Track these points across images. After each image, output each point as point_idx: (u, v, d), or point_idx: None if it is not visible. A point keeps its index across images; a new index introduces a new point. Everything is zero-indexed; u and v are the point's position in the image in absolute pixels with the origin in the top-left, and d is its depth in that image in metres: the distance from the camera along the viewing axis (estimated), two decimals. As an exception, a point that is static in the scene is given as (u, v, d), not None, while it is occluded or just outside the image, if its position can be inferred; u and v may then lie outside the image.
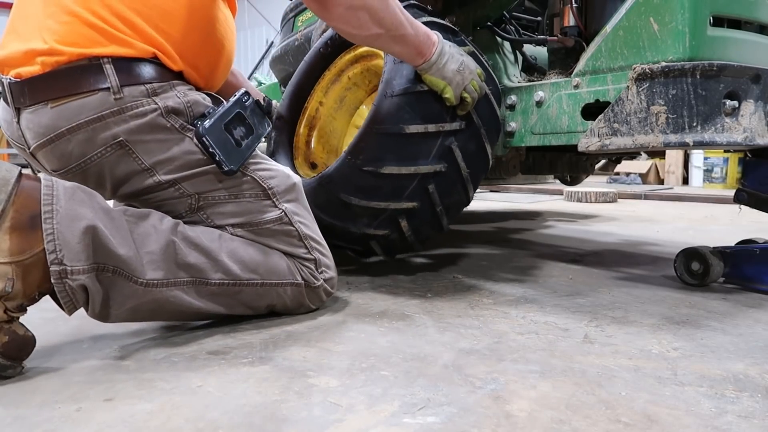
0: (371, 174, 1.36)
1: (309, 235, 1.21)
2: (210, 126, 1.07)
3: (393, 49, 1.25)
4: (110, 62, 1.02)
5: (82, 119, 1.01)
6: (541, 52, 2.08)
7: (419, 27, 1.24)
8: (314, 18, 2.26)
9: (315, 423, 0.74)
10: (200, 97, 1.11)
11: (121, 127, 1.03)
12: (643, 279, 1.61)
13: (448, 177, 1.40)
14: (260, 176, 1.16)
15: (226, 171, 1.09)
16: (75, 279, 0.92)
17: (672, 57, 1.20)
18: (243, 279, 1.11)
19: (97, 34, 1.02)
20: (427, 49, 1.26)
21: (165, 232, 1.04)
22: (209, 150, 1.07)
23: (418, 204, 1.41)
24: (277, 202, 1.17)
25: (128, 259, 0.98)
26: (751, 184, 1.55)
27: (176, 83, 1.09)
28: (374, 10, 1.14)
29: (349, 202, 1.40)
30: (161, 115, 1.05)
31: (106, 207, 1.00)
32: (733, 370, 0.92)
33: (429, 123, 1.34)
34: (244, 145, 1.12)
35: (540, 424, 0.74)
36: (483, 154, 1.45)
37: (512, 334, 1.10)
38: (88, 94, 1.01)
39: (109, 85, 1.01)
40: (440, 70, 1.28)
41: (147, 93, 1.04)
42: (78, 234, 0.92)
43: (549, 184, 4.97)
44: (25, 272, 0.89)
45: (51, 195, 0.93)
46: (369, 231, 1.45)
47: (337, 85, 1.80)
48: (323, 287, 1.22)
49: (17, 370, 0.90)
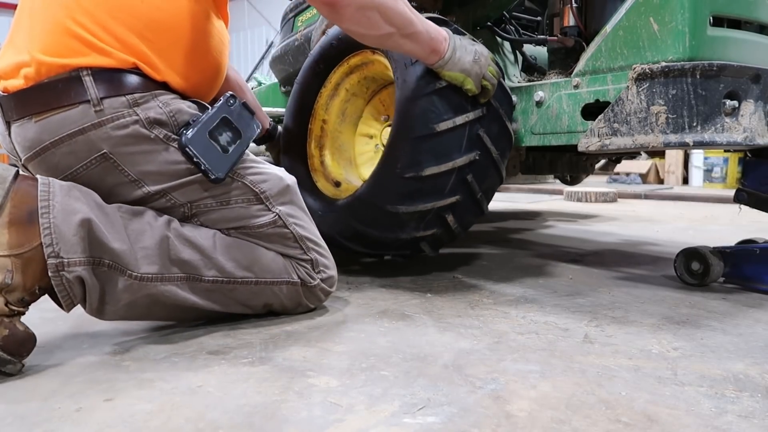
0: (413, 179, 1.38)
1: (305, 236, 1.20)
2: (193, 135, 1.06)
3: (406, 47, 1.24)
4: (90, 74, 1.01)
5: (64, 132, 1.01)
6: (541, 52, 2.08)
7: (429, 24, 1.25)
8: (314, 18, 2.26)
9: (315, 423, 0.74)
10: (185, 106, 1.09)
11: (103, 139, 1.02)
12: (643, 279, 1.61)
13: (482, 163, 1.43)
14: (251, 181, 1.15)
15: (213, 180, 1.08)
16: (71, 271, 0.94)
17: (672, 57, 1.20)
18: (237, 277, 1.12)
19: (79, 43, 1.01)
20: (440, 45, 1.27)
21: (159, 228, 1.05)
22: (194, 160, 1.06)
23: (460, 196, 1.43)
24: (271, 206, 1.16)
25: (122, 253, 0.99)
26: (751, 184, 1.55)
27: (159, 93, 1.07)
28: (384, 9, 1.14)
29: (397, 211, 1.42)
30: (143, 126, 1.04)
31: (100, 203, 1.02)
32: (733, 369, 0.92)
33: (456, 116, 1.36)
34: (231, 151, 1.11)
35: (540, 424, 0.74)
36: (506, 131, 1.48)
37: (512, 334, 1.10)
38: (69, 108, 1.01)
39: (89, 98, 1.01)
40: (457, 64, 1.29)
41: (128, 104, 1.03)
42: (74, 227, 0.95)
43: (549, 184, 4.97)
44: (24, 265, 0.91)
45: (47, 191, 0.96)
46: (418, 234, 1.48)
47: (336, 99, 1.81)
48: (320, 286, 1.22)
49: (17, 367, 0.90)
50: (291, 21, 2.54)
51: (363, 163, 1.84)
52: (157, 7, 1.06)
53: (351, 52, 1.69)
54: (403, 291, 1.45)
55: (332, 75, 1.77)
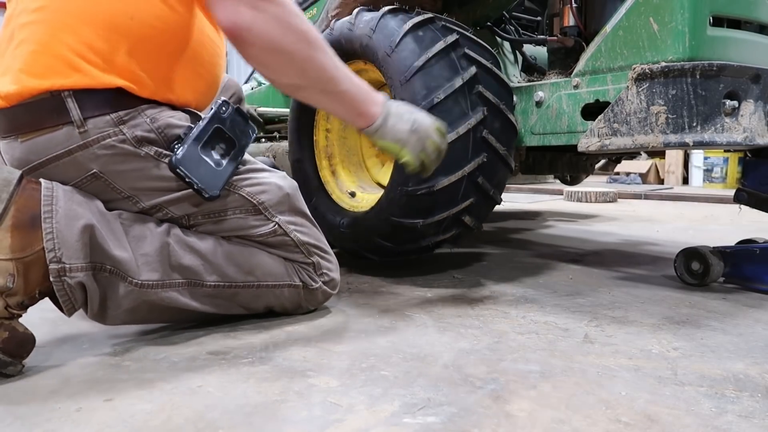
0: (426, 195, 1.40)
1: (306, 241, 1.19)
2: (183, 154, 1.02)
3: (326, 106, 1.14)
4: (71, 95, 0.97)
5: (51, 154, 0.99)
6: (541, 52, 2.08)
7: (360, 86, 1.11)
8: (314, 18, 2.26)
9: (315, 423, 0.74)
10: (174, 119, 1.06)
11: (91, 159, 1.00)
12: (643, 279, 1.61)
13: (491, 162, 1.44)
14: (249, 192, 1.13)
15: (207, 198, 1.05)
16: (73, 276, 0.94)
17: (672, 57, 1.20)
18: (239, 281, 1.11)
19: (63, 64, 0.96)
20: (369, 108, 1.11)
21: (160, 235, 1.05)
22: (186, 180, 1.03)
23: (473, 198, 1.45)
24: (271, 216, 1.15)
25: (123, 261, 0.99)
26: (751, 184, 1.54)
27: (145, 108, 1.03)
28: (300, 59, 1.02)
29: (415, 225, 1.44)
30: (132, 145, 1.01)
31: (102, 210, 1.02)
32: (733, 369, 0.92)
33: (459, 126, 1.37)
34: (225, 164, 1.08)
35: (540, 424, 0.74)
36: (509, 124, 1.48)
37: (512, 334, 1.10)
38: (54, 129, 0.98)
39: (72, 119, 0.97)
40: (389, 133, 1.12)
41: (113, 122, 1.00)
42: (76, 233, 0.94)
43: (549, 184, 4.97)
44: (26, 269, 0.91)
45: (51, 196, 0.95)
46: (438, 239, 1.50)
47: None
48: (322, 289, 1.22)
49: (17, 368, 0.90)
50: (291, 21, 2.53)
51: (373, 165, 1.85)
52: (149, 24, 1.01)
53: (345, 61, 1.68)
54: (403, 291, 1.45)
55: None
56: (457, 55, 1.43)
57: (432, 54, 1.39)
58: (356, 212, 1.63)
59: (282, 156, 2.16)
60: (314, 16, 2.29)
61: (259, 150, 2.32)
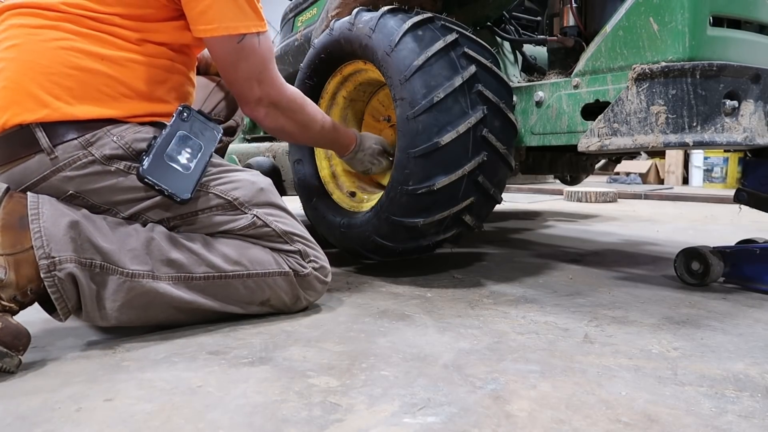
0: (427, 194, 1.40)
1: (287, 231, 1.22)
2: (149, 164, 1.06)
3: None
4: (40, 126, 1.03)
5: (28, 182, 1.05)
6: (540, 52, 2.08)
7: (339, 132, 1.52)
8: (314, 18, 2.26)
9: (315, 423, 0.74)
10: (140, 134, 1.10)
11: (65, 182, 1.05)
12: (643, 279, 1.61)
13: (491, 161, 1.44)
14: (222, 191, 1.17)
15: (179, 202, 1.09)
16: (63, 268, 0.96)
17: (672, 57, 1.20)
18: (228, 270, 1.13)
19: (31, 101, 1.02)
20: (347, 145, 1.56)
21: (145, 232, 1.08)
22: (156, 188, 1.07)
23: (474, 197, 1.45)
24: (247, 209, 1.18)
25: (111, 252, 1.02)
26: (751, 184, 1.55)
27: (110, 128, 1.07)
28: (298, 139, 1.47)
29: (416, 225, 1.44)
30: (101, 164, 1.06)
31: (87, 213, 1.06)
32: (733, 369, 0.92)
33: (458, 125, 1.37)
34: (193, 168, 1.12)
35: (540, 423, 0.74)
36: (508, 122, 1.48)
37: (512, 334, 1.10)
38: (27, 158, 1.04)
39: (42, 147, 1.03)
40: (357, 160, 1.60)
41: (81, 146, 1.05)
42: (63, 228, 0.98)
43: (549, 184, 4.97)
44: (16, 264, 0.95)
45: (37, 202, 1.01)
46: (439, 238, 1.50)
47: (336, 108, 1.81)
48: (313, 275, 1.23)
49: (14, 361, 0.90)
50: (291, 21, 2.54)
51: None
52: (120, 64, 1.08)
53: (344, 61, 1.69)
54: (403, 291, 1.45)
55: (327, 85, 1.77)
56: (456, 54, 1.43)
57: (431, 53, 1.39)
58: (356, 212, 1.63)
59: (282, 156, 2.16)
60: (314, 16, 2.29)
61: (259, 150, 2.31)
